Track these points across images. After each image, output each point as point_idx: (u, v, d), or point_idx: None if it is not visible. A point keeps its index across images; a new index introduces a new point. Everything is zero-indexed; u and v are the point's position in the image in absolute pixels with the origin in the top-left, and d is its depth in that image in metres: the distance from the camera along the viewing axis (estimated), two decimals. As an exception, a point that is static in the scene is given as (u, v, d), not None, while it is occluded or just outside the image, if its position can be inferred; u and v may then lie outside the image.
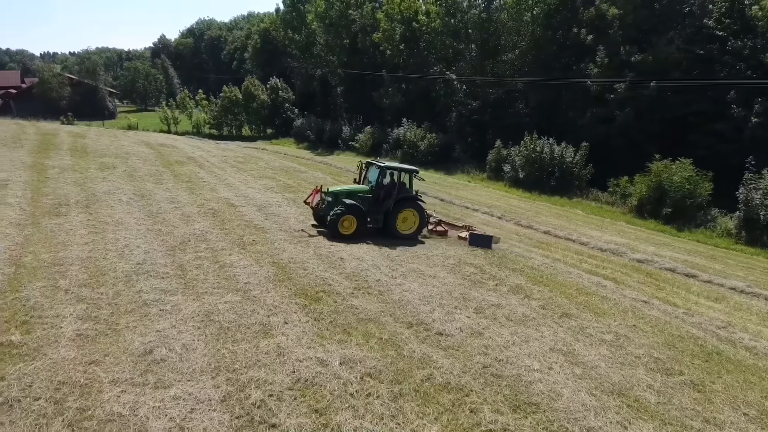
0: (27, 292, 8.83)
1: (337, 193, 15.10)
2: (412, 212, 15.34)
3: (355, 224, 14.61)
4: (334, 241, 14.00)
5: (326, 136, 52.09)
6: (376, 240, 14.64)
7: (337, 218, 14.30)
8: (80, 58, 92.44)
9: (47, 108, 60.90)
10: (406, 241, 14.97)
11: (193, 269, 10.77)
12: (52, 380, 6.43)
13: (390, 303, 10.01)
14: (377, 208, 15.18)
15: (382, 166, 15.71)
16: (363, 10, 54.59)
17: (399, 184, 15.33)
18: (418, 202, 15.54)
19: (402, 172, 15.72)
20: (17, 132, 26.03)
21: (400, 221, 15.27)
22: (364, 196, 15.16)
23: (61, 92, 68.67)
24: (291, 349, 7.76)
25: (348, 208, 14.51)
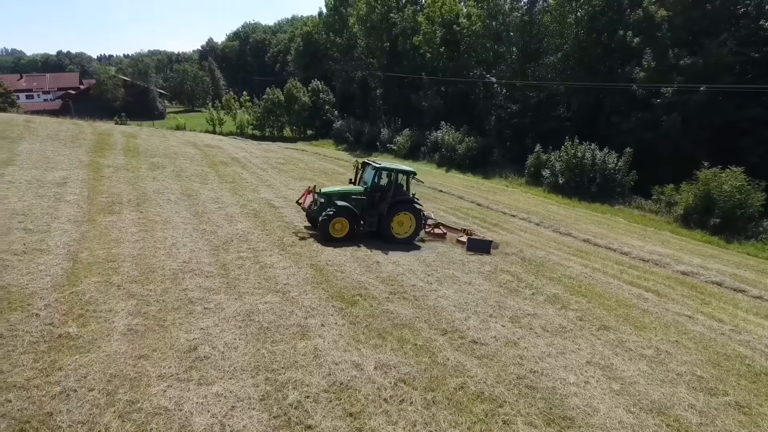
0: (83, 286, 9.32)
1: (330, 194, 14.55)
2: (408, 216, 14.71)
3: (347, 227, 14.08)
4: (327, 244, 13.56)
5: (365, 138, 52.54)
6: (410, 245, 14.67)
7: (328, 220, 13.82)
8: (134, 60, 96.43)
9: (103, 108, 63.99)
10: (404, 245, 14.48)
11: (235, 269, 11.11)
12: (104, 372, 6.79)
13: (425, 309, 10.04)
14: (372, 210, 14.60)
15: (378, 167, 14.95)
16: (404, 13, 54.76)
17: (395, 187, 14.70)
18: (414, 205, 14.86)
19: (399, 174, 15.06)
20: (75, 132, 27.41)
21: (396, 225, 14.66)
22: (357, 198, 14.61)
23: (116, 93, 71.94)
24: (327, 351, 7.91)
25: (340, 210, 13.99)
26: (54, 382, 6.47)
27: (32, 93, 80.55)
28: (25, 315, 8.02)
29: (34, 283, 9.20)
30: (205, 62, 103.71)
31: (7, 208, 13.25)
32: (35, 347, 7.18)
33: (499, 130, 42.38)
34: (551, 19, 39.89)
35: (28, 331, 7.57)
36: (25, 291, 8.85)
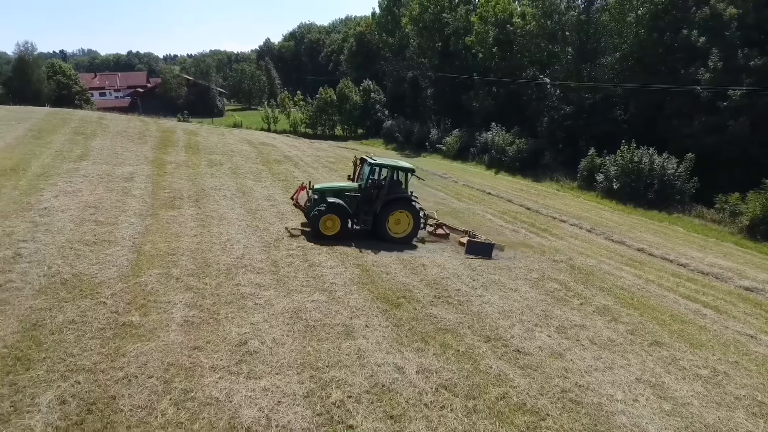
0: (145, 277, 9.88)
1: (323, 190, 14.10)
2: (405, 214, 14.14)
3: (339, 225, 13.62)
4: (318, 242, 13.27)
5: (414, 137, 52.54)
6: (456, 249, 14.56)
7: (318, 217, 13.45)
8: (196, 60, 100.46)
9: (167, 106, 67.24)
10: (403, 245, 14.09)
11: (285, 266, 11.42)
12: (162, 361, 7.18)
13: (469, 314, 9.97)
14: (367, 208, 14.07)
15: (373, 163, 14.40)
16: (457, 13, 54.27)
17: (389, 184, 14.16)
18: (411, 204, 14.26)
19: (396, 171, 14.42)
20: (142, 129, 28.93)
21: (393, 223, 14.15)
22: (351, 195, 14.14)
23: (179, 92, 75.31)
24: (371, 352, 8.02)
25: (331, 207, 13.52)
26: (118, 367, 6.91)
27: (105, 91, 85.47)
28: (93, 302, 8.59)
29: (103, 272, 9.83)
30: (262, 62, 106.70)
31: (81, 201, 14.19)
32: (102, 333, 7.69)
33: (552, 132, 41.24)
34: (610, 18, 38.39)
35: (96, 317, 8.11)
36: (94, 280, 9.47)
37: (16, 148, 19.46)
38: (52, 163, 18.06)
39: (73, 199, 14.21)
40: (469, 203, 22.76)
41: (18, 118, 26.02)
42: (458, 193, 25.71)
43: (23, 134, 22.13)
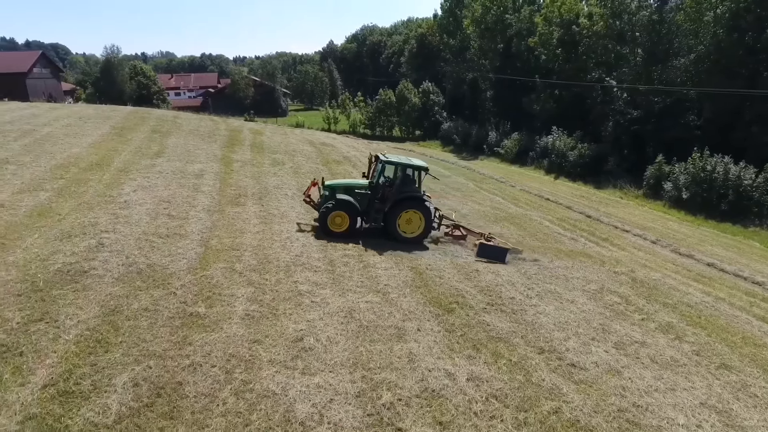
0: (211, 271, 10.39)
1: (334, 186, 14.04)
2: (417, 214, 13.73)
3: (347, 222, 13.47)
4: (327, 239, 13.22)
5: (472, 140, 51.92)
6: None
7: (326, 213, 13.36)
8: (263, 62, 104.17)
9: (235, 105, 70.19)
10: (413, 245, 13.70)
11: (341, 266, 11.64)
12: (225, 352, 7.54)
13: (522, 324, 9.75)
14: (377, 206, 13.78)
15: (384, 160, 13.99)
16: (520, 14, 53.08)
17: (400, 182, 13.85)
18: (423, 203, 13.84)
19: (407, 169, 14.05)
20: (212, 128, 30.37)
21: (404, 222, 13.76)
22: (362, 192, 13.92)
23: (247, 92, 78.35)
24: (422, 357, 8.03)
25: (339, 203, 13.41)
26: (184, 355, 7.33)
27: (179, 91, 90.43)
28: (165, 292, 9.14)
29: (174, 264, 10.43)
30: (325, 64, 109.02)
31: (156, 196, 15.11)
32: (171, 322, 8.17)
33: (617, 137, 39.45)
34: (684, 18, 36.11)
35: (166, 307, 8.63)
36: (166, 271, 10.07)
37: (102, 145, 20.98)
38: (132, 159, 19.34)
39: (150, 194, 15.14)
40: (526, 209, 22.20)
41: (103, 117, 28.03)
42: (515, 198, 25.14)
43: (108, 132, 23.82)
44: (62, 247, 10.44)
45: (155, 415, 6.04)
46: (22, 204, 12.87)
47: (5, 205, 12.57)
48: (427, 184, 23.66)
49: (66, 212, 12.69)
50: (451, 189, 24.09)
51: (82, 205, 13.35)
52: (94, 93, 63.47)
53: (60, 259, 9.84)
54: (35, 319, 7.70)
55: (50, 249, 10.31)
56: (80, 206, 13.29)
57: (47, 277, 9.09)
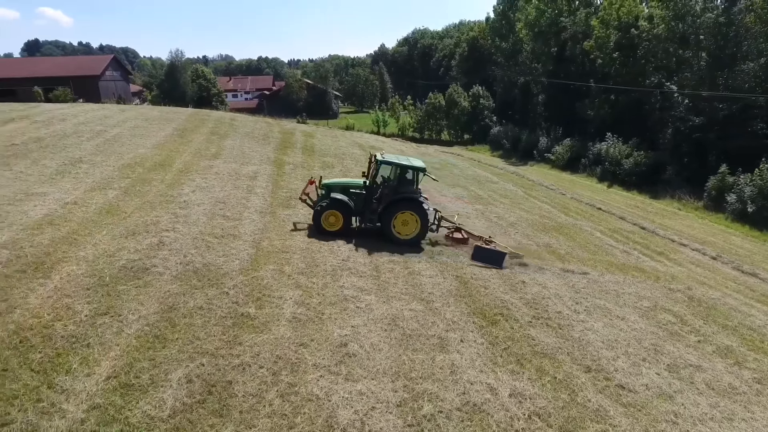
0: (262, 272, 10.71)
1: (330, 186, 14.08)
2: (413, 216, 13.49)
3: (341, 221, 13.51)
4: (321, 237, 13.30)
5: (522, 145, 50.82)
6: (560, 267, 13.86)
7: (320, 212, 13.46)
8: (316, 65, 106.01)
9: (289, 107, 71.94)
10: (408, 247, 13.46)
11: (386, 272, 11.71)
12: (272, 353, 7.76)
13: (569, 340, 9.46)
14: (373, 206, 13.67)
15: (380, 160, 13.75)
16: (576, 17, 51.46)
17: (397, 183, 13.69)
18: (418, 204, 13.52)
19: (404, 169, 13.76)
20: (266, 130, 31.27)
21: (400, 224, 13.56)
22: (357, 192, 13.89)
23: (300, 95, 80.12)
24: (464, 369, 7.96)
25: (333, 202, 13.46)
26: (235, 354, 7.60)
27: (236, 93, 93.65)
28: (218, 292, 9.51)
29: (227, 264, 10.82)
30: (376, 66, 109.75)
31: (213, 196, 15.72)
32: (223, 321, 8.49)
33: (676, 144, 37.44)
34: (755, 19, 33.82)
35: (219, 306, 8.98)
36: (220, 271, 10.46)
37: (165, 146, 22.05)
38: (192, 160, 20.21)
39: (207, 195, 15.77)
40: (576, 218, 21.49)
41: (167, 119, 29.44)
42: (565, 206, 24.38)
43: (170, 133, 25.01)
44: (127, 245, 11.06)
45: (206, 412, 6.30)
46: (92, 201, 13.72)
47: (78, 203, 13.44)
48: (476, 191, 23.37)
49: (131, 211, 13.43)
50: (498, 196, 23.68)
51: (146, 204, 14.08)
52: (159, 95, 66.79)
53: (125, 256, 10.43)
54: (101, 313, 8.20)
55: (116, 246, 10.95)
56: (144, 205, 14.03)
57: (113, 273, 9.65)
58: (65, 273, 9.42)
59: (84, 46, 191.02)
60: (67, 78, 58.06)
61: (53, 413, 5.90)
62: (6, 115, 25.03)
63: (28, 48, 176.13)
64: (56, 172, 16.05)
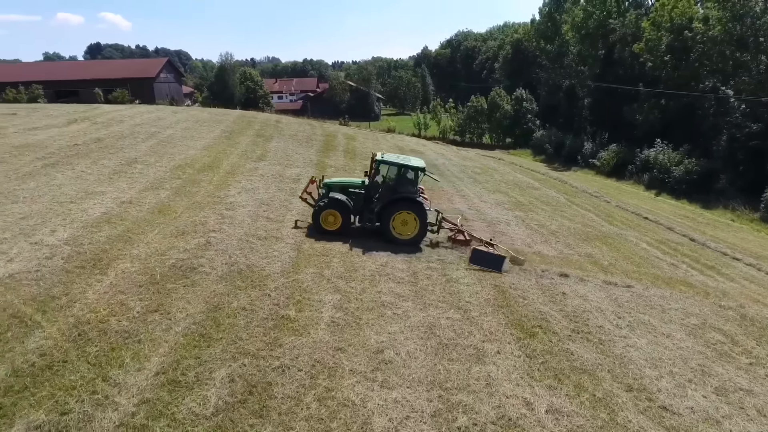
0: (302, 275, 10.92)
1: (330, 185, 14.10)
2: (411, 215, 13.32)
3: (340, 220, 13.44)
4: (320, 236, 13.31)
5: (565, 150, 49.59)
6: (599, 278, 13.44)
7: (318, 211, 13.45)
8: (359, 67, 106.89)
9: (332, 109, 72.93)
10: (406, 247, 13.33)
11: (424, 278, 11.70)
12: (311, 357, 7.90)
13: (610, 356, 9.17)
14: (372, 206, 13.63)
15: (379, 160, 13.67)
16: (625, 19, 49.74)
17: (395, 183, 13.60)
18: (417, 204, 13.33)
19: (403, 169, 13.63)
20: (310, 132, 31.85)
21: (399, 224, 13.42)
22: (357, 192, 13.86)
23: (343, 97, 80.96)
24: (500, 381, 7.85)
25: (331, 202, 13.42)
26: (275, 356, 7.79)
27: (282, 94, 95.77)
28: (261, 293, 9.77)
29: (270, 266, 11.10)
30: (418, 69, 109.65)
31: (257, 198, 16.15)
32: (265, 323, 8.72)
33: (731, 152, 35.55)
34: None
35: (261, 307, 9.22)
36: (263, 272, 10.75)
37: (213, 147, 22.83)
38: (238, 162, 20.83)
39: (252, 196, 16.22)
40: (621, 228, 20.77)
41: (216, 121, 30.46)
42: (609, 215, 23.59)
43: (219, 135, 25.87)
44: (177, 244, 11.53)
45: (247, 413, 6.49)
46: (145, 201, 14.38)
47: (133, 202, 14.12)
48: (517, 198, 22.93)
49: (181, 211, 13.99)
50: (540, 202, 23.18)
51: (194, 205, 14.63)
52: (209, 96, 69.13)
53: (174, 255, 10.88)
54: (152, 310, 8.60)
55: (167, 245, 11.43)
56: (193, 205, 14.58)
57: (163, 271, 10.09)
58: (120, 270, 9.93)
59: (141, 49, 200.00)
60: (125, 80, 61.02)
61: (107, 405, 6.24)
62: (70, 116, 26.58)
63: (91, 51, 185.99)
64: (113, 172, 16.92)
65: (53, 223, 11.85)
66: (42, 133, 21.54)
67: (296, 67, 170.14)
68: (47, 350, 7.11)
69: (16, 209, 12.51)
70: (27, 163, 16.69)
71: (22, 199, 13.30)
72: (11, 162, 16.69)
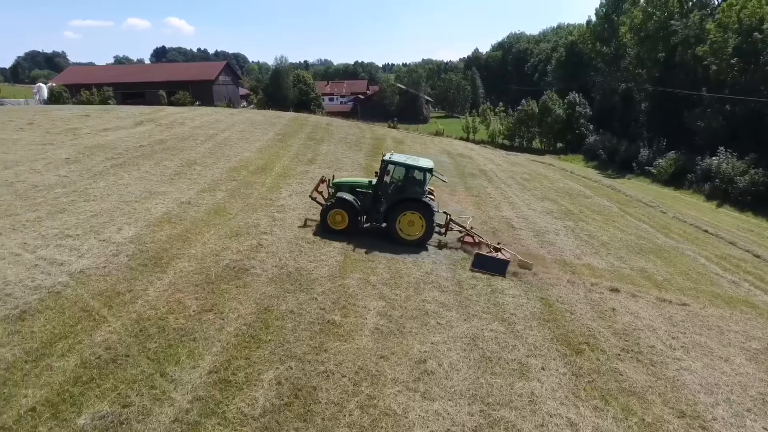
0: (348, 280, 11.07)
1: (340, 185, 14.25)
2: (417, 216, 13.30)
3: (347, 220, 13.48)
4: (326, 234, 13.42)
5: (619, 156, 47.59)
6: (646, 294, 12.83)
7: (326, 211, 13.60)
8: (409, 70, 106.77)
9: (381, 111, 73.34)
10: (411, 248, 13.31)
11: (468, 288, 11.58)
12: (354, 363, 8.02)
13: (662, 379, 8.76)
14: (379, 206, 13.68)
15: (386, 161, 13.65)
16: (688, 20, 47.09)
17: (403, 183, 13.64)
18: (424, 205, 13.29)
19: (410, 169, 13.58)
20: (359, 136, 32.20)
21: (405, 224, 13.44)
22: (364, 192, 13.89)
23: (392, 99, 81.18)
24: (543, 399, 7.67)
25: (338, 201, 13.53)
26: (320, 361, 7.96)
27: (333, 96, 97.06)
28: (308, 297, 10.00)
29: (317, 270, 11.34)
30: (469, 71, 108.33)
31: (307, 201, 16.42)
32: (311, 327, 8.92)
33: (804, 162, 33.06)
34: None
35: (308, 311, 9.44)
36: (311, 276, 10.99)
37: (267, 150, 23.54)
38: (290, 164, 21.37)
39: (302, 199, 16.58)
40: (677, 241, 19.71)
41: (270, 123, 31.38)
42: (665, 226, 22.44)
43: (272, 137, 26.63)
44: (230, 245, 11.99)
45: (292, 415, 6.68)
46: (203, 202, 15.02)
47: (191, 203, 14.79)
48: (566, 206, 22.24)
49: (235, 212, 14.51)
50: (590, 211, 22.38)
51: (248, 207, 15.15)
52: (263, 98, 71.20)
53: (228, 256, 11.32)
54: (206, 309, 8.99)
55: (221, 245, 11.91)
56: (246, 207, 15.10)
57: (217, 272, 10.52)
58: (178, 269, 10.44)
59: (202, 52, 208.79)
60: (187, 82, 63.91)
61: (164, 400, 6.59)
62: (137, 118, 28.15)
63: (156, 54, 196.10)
64: (174, 173, 17.78)
65: (120, 221, 12.61)
66: (112, 134, 22.94)
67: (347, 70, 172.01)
68: (112, 344, 7.59)
69: (88, 207, 13.39)
70: (98, 163, 17.82)
71: (93, 198, 14.23)
72: (84, 161, 17.87)
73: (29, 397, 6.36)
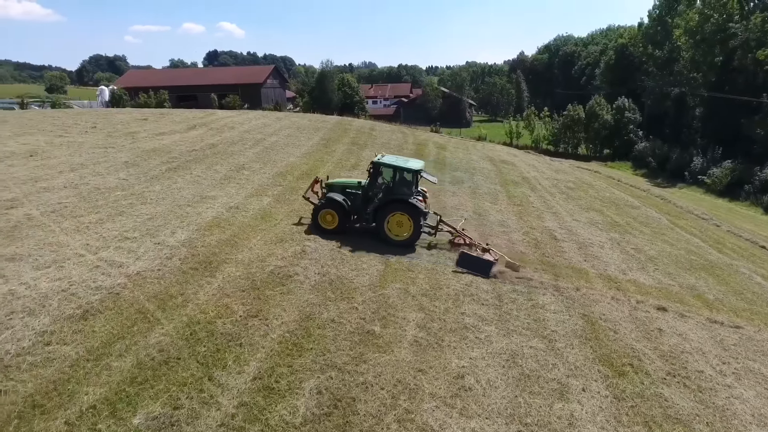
0: (388, 290, 11.16)
1: (332, 185, 14.65)
2: (405, 217, 13.52)
3: (336, 220, 13.84)
4: (319, 234, 13.79)
5: (670, 164, 45.51)
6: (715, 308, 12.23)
7: (317, 210, 13.96)
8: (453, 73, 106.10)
9: (423, 115, 73.28)
10: (401, 248, 13.58)
11: (508, 302, 11.43)
12: (393, 376, 8.09)
13: (710, 407, 8.36)
14: (368, 206, 14.00)
15: (374, 162, 14.03)
16: (749, 23, 44.46)
17: (392, 184, 13.94)
18: (411, 206, 13.47)
19: (398, 171, 13.85)
20: (401, 141, 32.33)
21: (394, 225, 13.68)
22: (354, 192, 14.26)
23: (435, 103, 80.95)
24: (583, 423, 7.50)
25: (328, 202, 13.94)
26: (359, 372, 8.08)
27: (376, 99, 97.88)
28: (348, 306, 10.16)
29: (358, 279, 11.49)
30: (513, 75, 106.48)
31: (349, 208, 16.72)
32: (351, 337, 9.06)
33: None
34: None
35: (349, 320, 9.59)
36: (351, 284, 11.16)
37: (311, 155, 24.01)
38: (333, 170, 21.69)
39: (344, 206, 16.83)
40: (732, 257, 18.66)
41: (315, 128, 31.97)
42: (719, 241, 21.30)
43: (317, 142, 27.14)
44: (276, 251, 12.33)
45: (331, 426, 6.83)
46: (250, 207, 15.51)
47: (239, 207, 15.30)
48: (612, 217, 21.55)
49: (281, 218, 14.91)
50: (638, 223, 21.54)
51: (293, 212, 15.52)
52: (309, 101, 72.56)
53: (273, 262, 11.65)
54: (252, 315, 9.30)
55: (267, 251, 12.27)
56: (291, 213, 15.48)
57: (263, 277, 10.85)
58: (227, 273, 10.84)
59: (251, 56, 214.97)
60: (236, 86, 66.08)
61: (211, 404, 6.89)
62: (190, 122, 29.35)
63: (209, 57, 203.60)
64: (224, 177, 18.43)
65: (173, 224, 13.21)
66: (167, 138, 24.02)
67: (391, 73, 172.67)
68: (165, 346, 7.99)
69: (144, 210, 14.10)
70: (154, 167, 18.71)
71: (149, 201, 14.95)
72: (142, 165, 18.81)
73: (90, 394, 6.79)
